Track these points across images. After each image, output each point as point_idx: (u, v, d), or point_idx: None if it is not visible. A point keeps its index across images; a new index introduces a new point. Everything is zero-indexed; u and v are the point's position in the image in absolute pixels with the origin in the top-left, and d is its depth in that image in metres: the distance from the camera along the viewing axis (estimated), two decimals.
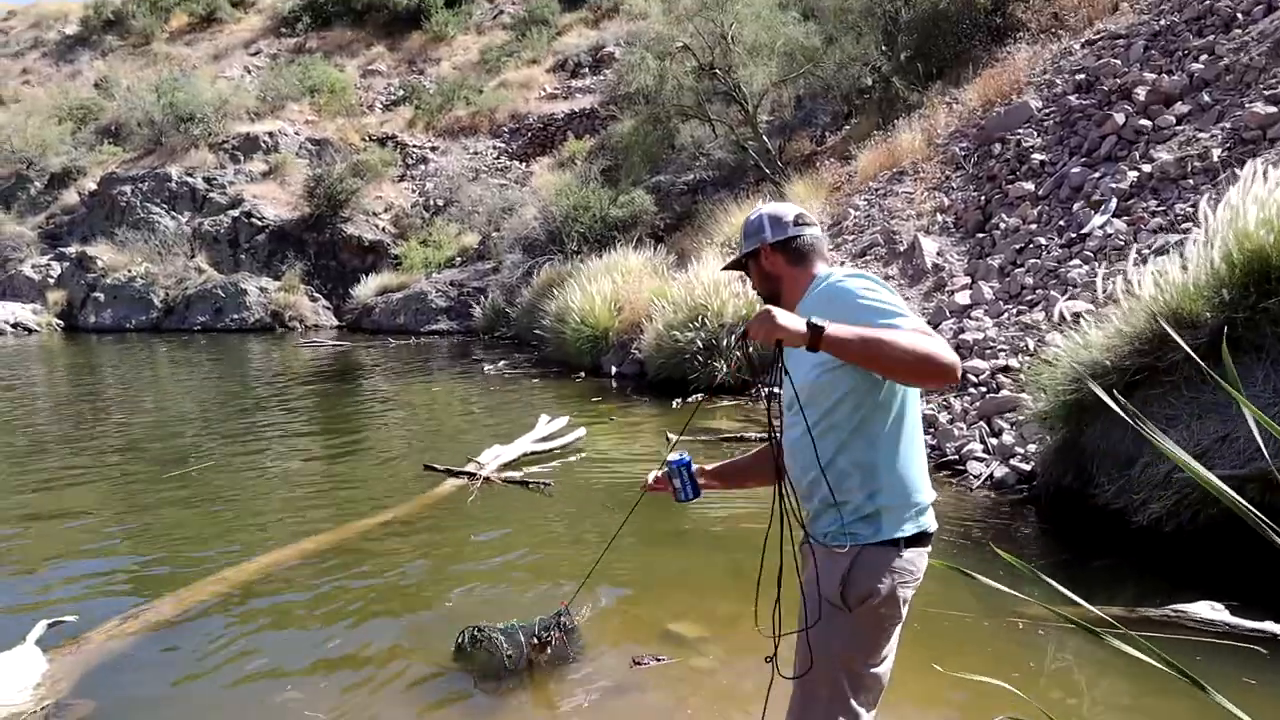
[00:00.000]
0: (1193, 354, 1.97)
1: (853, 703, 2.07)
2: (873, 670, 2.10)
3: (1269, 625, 3.74)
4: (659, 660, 3.85)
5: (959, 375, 1.91)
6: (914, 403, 2.15)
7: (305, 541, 5.64)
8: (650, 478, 2.58)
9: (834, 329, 1.85)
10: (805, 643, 2.06)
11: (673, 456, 2.49)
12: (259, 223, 24.73)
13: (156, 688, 3.76)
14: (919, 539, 2.11)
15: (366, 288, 23.13)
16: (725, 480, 2.58)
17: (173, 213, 25.00)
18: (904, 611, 2.11)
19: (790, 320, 1.86)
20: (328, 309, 23.97)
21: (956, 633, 4.01)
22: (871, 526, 2.06)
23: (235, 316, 22.89)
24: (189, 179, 25.43)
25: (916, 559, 2.10)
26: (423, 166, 27.15)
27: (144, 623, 4.28)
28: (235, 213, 24.84)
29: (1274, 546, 1.12)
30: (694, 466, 2.50)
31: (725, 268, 2.53)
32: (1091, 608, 1.49)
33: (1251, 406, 1.27)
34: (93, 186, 26.39)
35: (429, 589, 4.91)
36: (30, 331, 22.36)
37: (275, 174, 26.08)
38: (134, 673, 3.88)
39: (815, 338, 1.84)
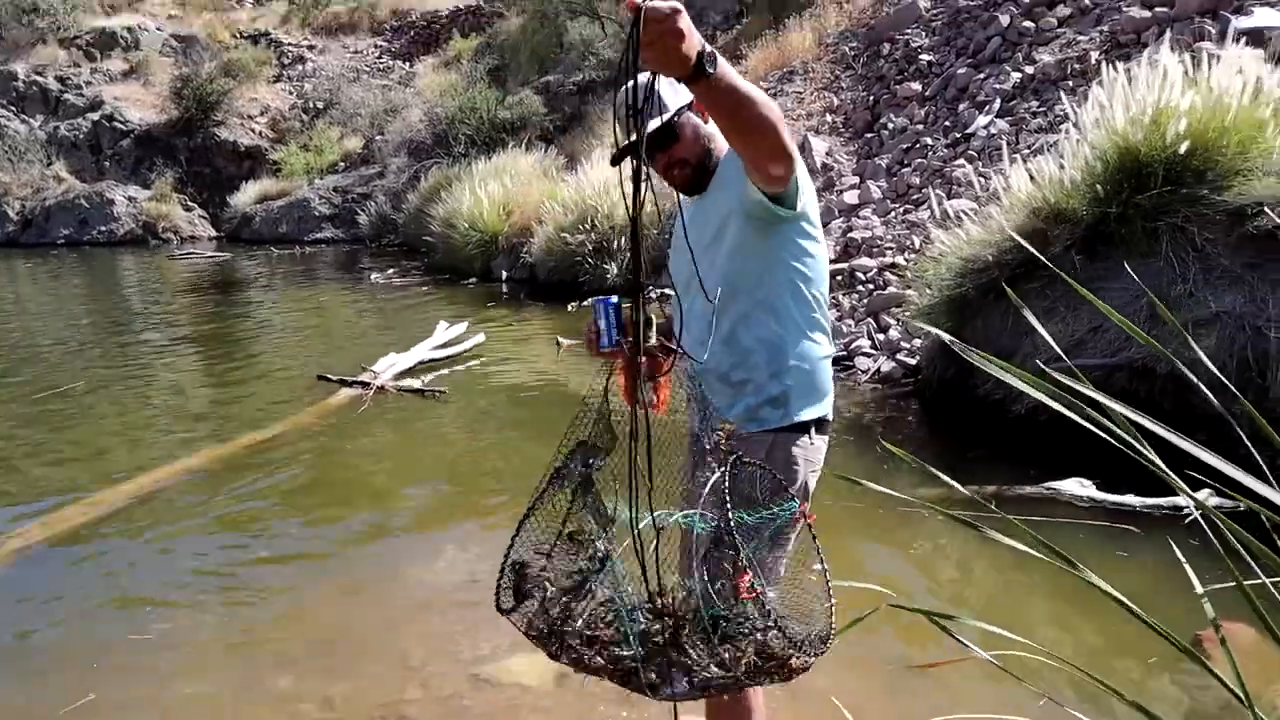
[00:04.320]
0: (1043, 259, 1.98)
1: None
2: (780, 561, 2.02)
3: (1129, 498, 4.05)
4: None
5: (791, 167, 1.75)
6: (825, 277, 2.03)
7: (189, 458, 5.42)
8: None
9: (723, 66, 1.49)
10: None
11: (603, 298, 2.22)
12: (123, 127, 23.14)
13: (19, 620, 3.57)
14: (824, 425, 2.05)
15: (245, 196, 22.09)
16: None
17: (22, 115, 23.13)
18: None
19: (690, 34, 1.40)
20: (204, 219, 22.80)
21: (848, 522, 4.14)
22: (779, 410, 1.95)
23: (103, 229, 21.52)
24: (39, 78, 23.49)
25: (823, 447, 2.05)
26: (300, 67, 25.78)
27: (8, 551, 4.05)
28: (95, 116, 23.15)
29: (1097, 432, 1.16)
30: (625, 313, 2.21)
31: (631, 152, 1.91)
32: (964, 489, 1.52)
33: (1104, 305, 1.28)
34: None
35: (322, 502, 4.80)
36: None
37: (138, 74, 24.35)
38: None
39: (700, 70, 1.44)
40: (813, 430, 2.00)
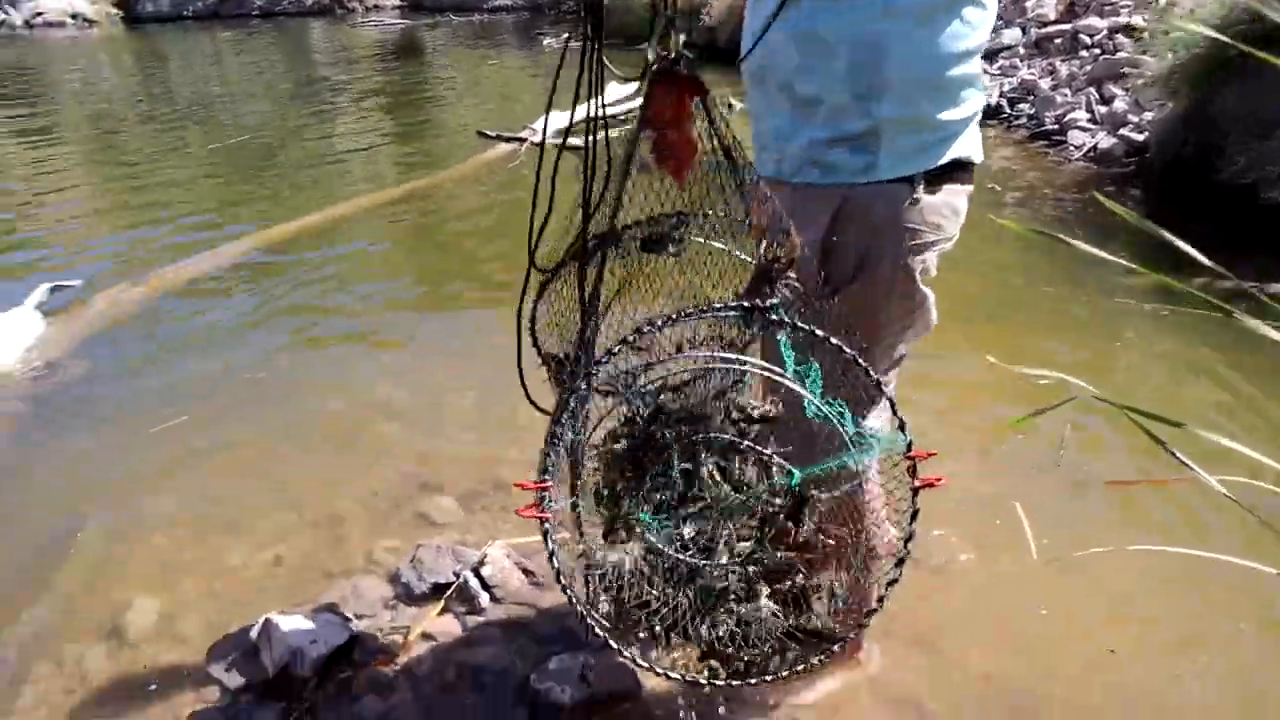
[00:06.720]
0: None
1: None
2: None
3: None
4: None
5: None
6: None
7: (339, 205, 5.50)
8: None
9: None
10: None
11: None
12: None
13: (153, 351, 3.59)
14: (953, 174, 1.39)
15: None
16: None
17: None
18: None
19: None
20: None
21: (1036, 306, 3.61)
22: (861, 156, 1.34)
23: (292, 1, 21.62)
24: None
25: (955, 205, 1.43)
26: None
27: (153, 289, 4.07)
28: None
29: None
30: None
31: None
32: (1225, 270, 0.99)
33: None
34: None
35: (427, 263, 4.81)
36: (90, 23, 21.24)
37: None
38: (134, 336, 3.71)
39: None
40: (920, 186, 1.33)
